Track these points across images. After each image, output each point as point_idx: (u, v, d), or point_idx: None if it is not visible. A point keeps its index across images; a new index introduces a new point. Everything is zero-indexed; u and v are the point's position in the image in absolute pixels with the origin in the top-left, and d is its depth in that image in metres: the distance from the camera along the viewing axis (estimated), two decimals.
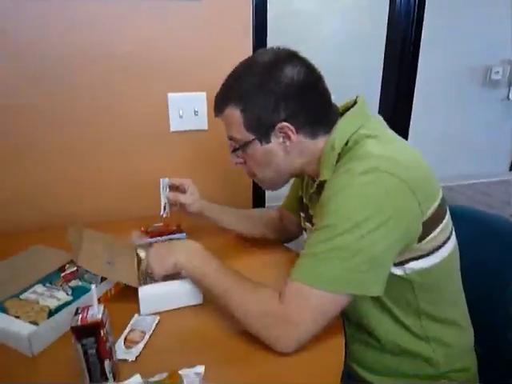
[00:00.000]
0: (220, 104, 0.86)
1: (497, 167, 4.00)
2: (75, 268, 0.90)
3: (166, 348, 0.76)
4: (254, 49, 1.30)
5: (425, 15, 1.68)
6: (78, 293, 0.85)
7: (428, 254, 0.77)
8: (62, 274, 0.90)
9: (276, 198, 2.04)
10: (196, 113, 1.32)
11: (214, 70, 1.30)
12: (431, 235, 0.76)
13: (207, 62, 1.29)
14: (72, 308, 0.78)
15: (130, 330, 0.78)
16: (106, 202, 1.34)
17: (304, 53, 0.84)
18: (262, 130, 0.82)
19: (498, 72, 3.58)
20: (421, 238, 0.75)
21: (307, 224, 0.99)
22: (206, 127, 1.35)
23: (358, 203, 0.70)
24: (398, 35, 1.70)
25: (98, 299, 0.86)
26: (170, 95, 1.29)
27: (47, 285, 0.87)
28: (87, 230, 1.00)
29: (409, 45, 1.69)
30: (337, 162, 0.80)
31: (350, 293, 0.71)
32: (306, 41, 2.96)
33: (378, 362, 0.87)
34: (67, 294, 0.84)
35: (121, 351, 0.72)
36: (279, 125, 0.81)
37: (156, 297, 0.85)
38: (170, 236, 1.12)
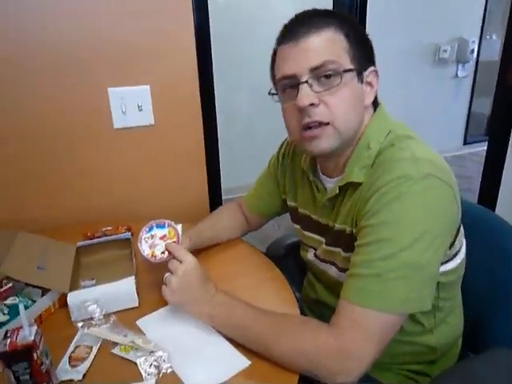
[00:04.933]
0: (318, 22, 0.69)
1: (451, 143, 4.13)
2: (11, 284, 0.82)
3: (116, 361, 0.70)
4: (196, 33, 1.23)
5: None
6: (15, 311, 0.77)
7: (453, 257, 0.75)
8: None
9: (230, 191, 2.00)
10: (140, 108, 1.24)
11: (156, 60, 1.24)
12: (457, 239, 0.74)
13: (149, 52, 1.22)
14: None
15: (76, 347, 0.72)
16: (48, 206, 1.25)
17: (257, 31, 0.77)
18: (362, 65, 0.70)
19: (445, 51, 3.68)
20: (451, 244, 0.72)
21: (307, 233, 0.91)
22: (152, 122, 1.28)
23: (418, 213, 0.63)
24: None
25: (40, 315, 0.80)
26: (111, 90, 1.21)
27: None
28: (21, 234, 0.92)
29: None
30: (372, 164, 0.71)
31: (412, 312, 0.67)
32: (256, 23, 2.92)
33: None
34: (3, 314, 0.76)
35: (65, 371, 0.66)
36: (372, 68, 0.70)
37: (87, 302, 0.79)
38: (114, 237, 1.05)
